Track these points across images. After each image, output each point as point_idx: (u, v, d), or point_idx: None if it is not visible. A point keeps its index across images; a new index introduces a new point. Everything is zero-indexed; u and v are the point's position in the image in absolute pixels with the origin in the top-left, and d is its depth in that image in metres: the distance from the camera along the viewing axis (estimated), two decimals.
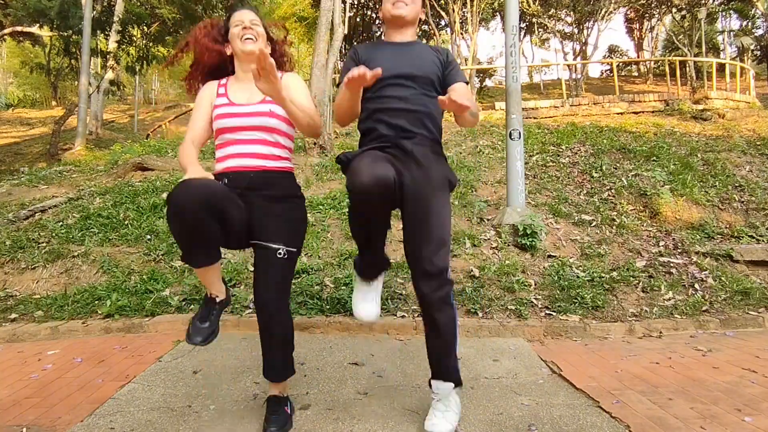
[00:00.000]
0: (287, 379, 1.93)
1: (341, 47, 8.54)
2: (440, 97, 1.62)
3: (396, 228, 3.55)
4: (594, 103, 10.61)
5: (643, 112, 9.97)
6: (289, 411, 1.90)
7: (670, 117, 9.10)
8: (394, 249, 3.79)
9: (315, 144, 6.49)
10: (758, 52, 23.37)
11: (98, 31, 14.40)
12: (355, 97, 1.79)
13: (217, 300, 1.84)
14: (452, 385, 1.85)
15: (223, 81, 1.91)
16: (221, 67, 1.94)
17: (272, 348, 1.86)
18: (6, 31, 14.72)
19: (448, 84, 1.89)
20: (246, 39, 1.82)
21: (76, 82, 14.02)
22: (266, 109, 1.81)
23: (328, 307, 3.24)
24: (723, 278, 3.77)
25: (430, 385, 1.89)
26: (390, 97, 1.84)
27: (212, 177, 1.68)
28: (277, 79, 1.59)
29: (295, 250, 1.84)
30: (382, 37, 2.07)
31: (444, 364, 1.85)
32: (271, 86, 1.60)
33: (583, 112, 10.28)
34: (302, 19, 20.86)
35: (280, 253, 1.78)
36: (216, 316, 1.84)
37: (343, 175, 1.82)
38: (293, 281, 3.53)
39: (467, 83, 1.95)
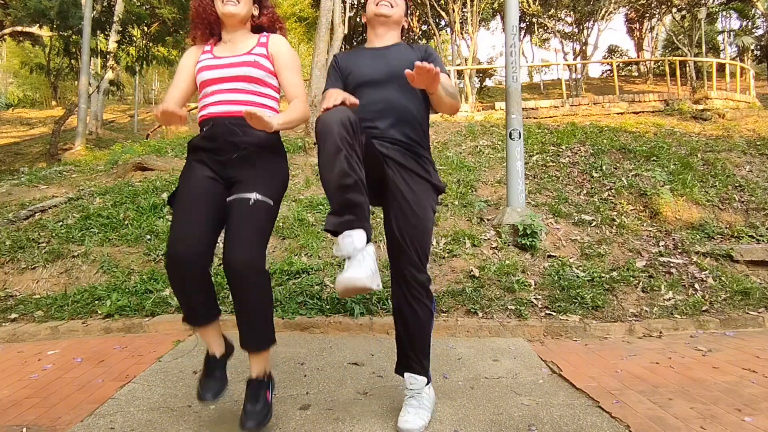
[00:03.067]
0: (268, 350, 1.78)
1: (341, 47, 8.55)
2: (407, 71, 1.56)
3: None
4: (594, 103, 10.61)
5: (643, 112, 9.97)
6: (270, 397, 1.78)
7: (670, 117, 9.11)
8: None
9: (315, 144, 6.49)
10: (758, 52, 23.37)
11: (98, 31, 14.40)
12: None
13: (218, 356, 1.84)
14: (425, 380, 1.86)
15: (210, 42, 1.93)
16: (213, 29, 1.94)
17: (248, 312, 1.72)
18: (6, 31, 14.72)
19: None
20: (227, 1, 1.81)
21: (76, 82, 14.02)
22: (251, 59, 1.81)
23: (328, 307, 3.24)
24: (723, 278, 3.77)
25: (401, 374, 1.91)
26: (369, 101, 1.83)
27: (178, 112, 1.64)
28: (268, 124, 1.60)
29: (270, 201, 1.75)
30: (364, 45, 2.05)
31: (416, 355, 1.86)
32: (264, 127, 1.63)
33: (583, 112, 10.28)
34: (302, 19, 20.86)
35: (251, 201, 1.70)
36: (221, 369, 1.84)
37: None
38: (293, 281, 3.55)
39: (447, 74, 1.88)
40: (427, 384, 1.88)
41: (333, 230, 1.53)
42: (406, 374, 1.88)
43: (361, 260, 1.47)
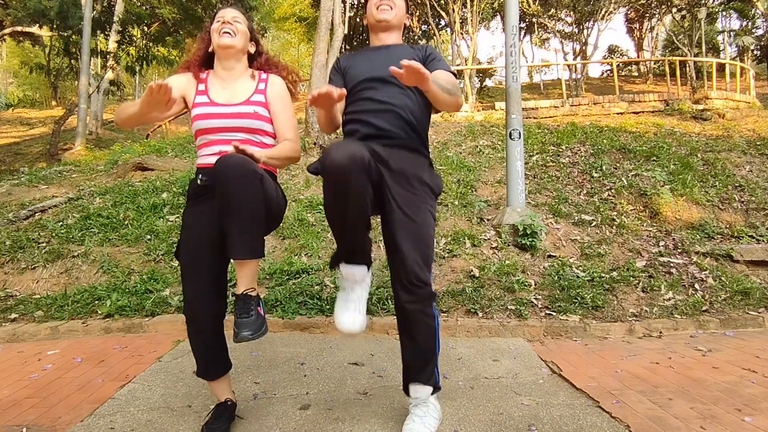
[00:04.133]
0: (257, 260, 1.66)
1: (341, 47, 8.55)
2: (393, 69, 1.49)
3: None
4: (594, 103, 10.61)
5: (643, 112, 9.97)
6: (262, 312, 1.66)
7: (670, 117, 9.11)
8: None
9: (315, 144, 6.49)
10: (758, 52, 23.37)
11: (98, 31, 14.40)
12: (330, 112, 1.80)
13: (229, 404, 1.88)
14: (431, 389, 1.80)
15: (203, 76, 1.87)
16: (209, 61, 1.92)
17: (236, 216, 1.55)
18: (6, 31, 14.71)
19: None
20: (224, 33, 1.79)
21: (76, 82, 14.02)
22: (250, 110, 1.79)
23: (328, 307, 3.24)
24: (723, 278, 3.77)
25: (406, 392, 1.83)
26: (368, 99, 1.83)
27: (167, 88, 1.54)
28: (256, 159, 1.59)
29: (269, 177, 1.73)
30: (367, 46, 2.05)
31: (422, 366, 1.80)
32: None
33: (583, 112, 10.28)
34: (302, 19, 20.88)
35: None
36: (228, 417, 1.85)
37: None
38: (293, 281, 3.55)
39: (453, 72, 1.87)
40: (433, 393, 1.83)
41: (341, 263, 1.72)
42: (410, 385, 1.81)
43: (356, 302, 1.70)
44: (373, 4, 1.92)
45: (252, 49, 1.92)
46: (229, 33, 1.80)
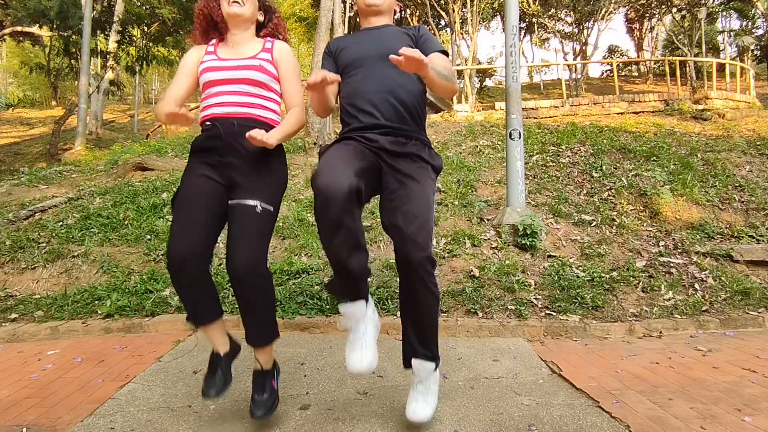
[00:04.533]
0: (272, 344, 1.85)
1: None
2: (392, 57, 1.52)
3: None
4: (594, 103, 10.61)
5: (643, 112, 9.97)
6: (275, 386, 1.84)
7: (670, 117, 9.11)
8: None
9: (315, 144, 6.49)
10: (758, 52, 23.37)
11: (98, 31, 14.39)
12: (322, 97, 1.83)
13: (222, 354, 1.85)
14: (434, 365, 1.81)
15: (213, 42, 1.93)
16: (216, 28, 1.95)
17: (253, 311, 1.77)
18: (6, 31, 14.72)
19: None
20: (233, 2, 1.82)
21: (76, 82, 14.01)
22: (257, 63, 1.83)
23: (328, 307, 3.24)
24: (723, 278, 3.77)
25: (408, 366, 1.83)
26: (359, 80, 1.84)
27: (188, 115, 1.69)
28: (267, 143, 1.67)
29: (271, 209, 1.79)
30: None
31: (427, 341, 1.80)
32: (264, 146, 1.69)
33: (583, 112, 10.28)
34: (302, 19, 20.88)
35: (257, 209, 1.74)
36: (225, 367, 1.84)
37: None
38: (293, 281, 3.55)
39: (445, 52, 1.87)
40: (435, 369, 1.83)
41: (337, 300, 1.76)
42: (413, 360, 1.81)
43: (362, 338, 1.71)
44: None
45: (261, 18, 1.95)
46: (238, 2, 1.83)
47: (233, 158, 1.79)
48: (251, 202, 1.74)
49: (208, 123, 1.83)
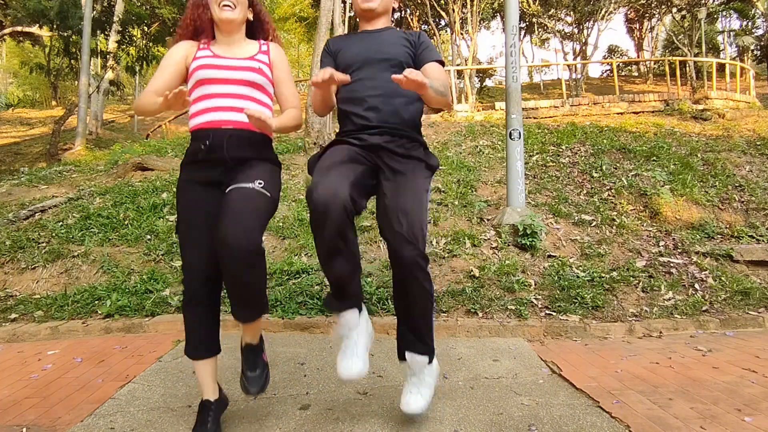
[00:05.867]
0: (261, 318, 1.80)
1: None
2: (394, 76, 1.55)
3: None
4: (594, 103, 10.61)
5: (643, 112, 9.97)
6: (266, 358, 1.84)
7: (670, 117, 9.10)
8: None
9: (315, 144, 6.49)
10: (758, 52, 23.37)
11: (98, 31, 14.40)
12: (326, 94, 1.82)
13: (212, 400, 1.80)
14: (427, 358, 1.80)
15: (203, 40, 1.87)
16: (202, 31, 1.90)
17: (246, 291, 1.68)
18: (6, 31, 14.72)
19: (421, 65, 1.86)
20: (224, 6, 1.78)
21: (76, 82, 14.02)
22: (256, 65, 1.80)
23: None
24: (723, 278, 3.77)
25: (403, 358, 1.82)
26: (358, 82, 1.84)
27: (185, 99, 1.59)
28: (268, 124, 1.64)
29: (269, 194, 1.72)
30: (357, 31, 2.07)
31: (420, 333, 1.79)
32: (264, 127, 1.65)
33: (583, 112, 10.28)
34: (302, 19, 20.89)
35: (253, 185, 1.68)
36: (214, 418, 1.77)
37: None
38: (293, 281, 3.55)
39: (441, 62, 1.89)
40: (429, 362, 1.82)
41: (331, 311, 1.82)
42: (406, 353, 1.80)
43: (353, 347, 1.74)
44: None
45: (250, 16, 1.92)
46: (230, 6, 1.79)
47: (226, 166, 1.76)
48: (248, 184, 1.69)
49: (201, 134, 1.76)
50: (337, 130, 1.97)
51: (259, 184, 1.70)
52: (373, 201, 1.89)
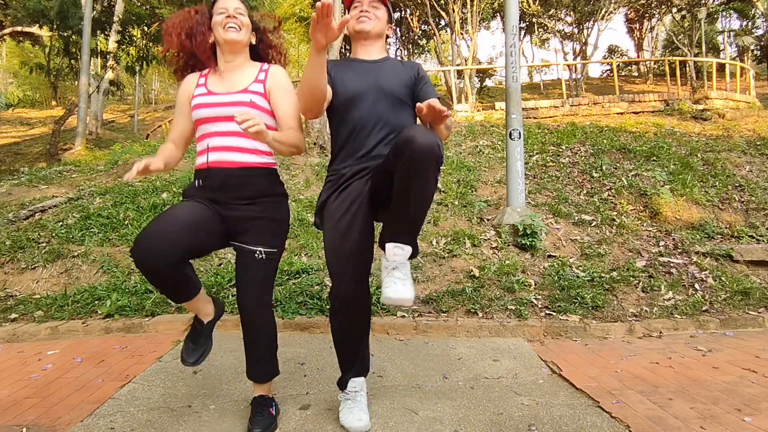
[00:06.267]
0: (272, 380, 1.93)
1: (341, 47, 8.55)
2: (419, 104, 1.54)
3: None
4: (594, 103, 10.61)
5: (643, 112, 9.97)
6: (273, 412, 1.88)
7: (670, 117, 9.11)
8: None
9: (315, 144, 6.50)
10: (758, 52, 23.37)
11: (98, 31, 14.39)
12: (317, 71, 1.65)
13: (205, 321, 1.86)
14: (410, 251, 1.67)
15: (204, 72, 1.85)
16: (202, 56, 1.85)
17: (255, 350, 1.85)
18: (6, 31, 14.71)
19: (421, 100, 1.79)
20: (229, 27, 1.75)
21: (76, 82, 14.02)
22: (246, 99, 1.75)
23: (328, 307, 3.24)
24: (723, 278, 3.77)
25: (383, 248, 1.68)
26: (357, 116, 1.82)
27: (161, 164, 1.65)
28: (261, 132, 1.53)
29: (275, 250, 1.81)
30: (354, 57, 2.00)
31: (407, 226, 1.65)
32: (259, 138, 1.58)
33: (583, 112, 10.28)
34: (302, 19, 20.88)
35: (257, 255, 1.76)
36: (206, 334, 1.87)
37: None
38: (293, 281, 3.55)
39: (440, 99, 1.84)
40: (411, 257, 1.69)
41: (343, 387, 1.92)
42: (389, 244, 1.66)
43: (360, 403, 1.88)
44: (353, 15, 1.91)
45: (254, 40, 1.89)
46: (235, 27, 1.76)
47: (228, 205, 1.76)
48: (253, 248, 1.76)
49: (200, 173, 1.77)
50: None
51: (264, 248, 1.78)
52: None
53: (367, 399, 1.93)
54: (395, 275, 1.65)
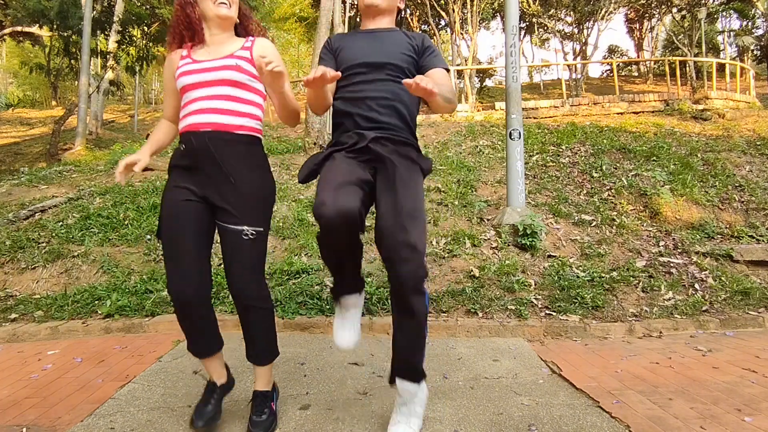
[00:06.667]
0: (272, 363, 1.90)
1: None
2: (405, 80, 1.53)
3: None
4: (594, 103, 10.61)
5: (643, 112, 9.97)
6: (274, 407, 1.87)
7: (670, 117, 9.11)
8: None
9: (315, 144, 6.49)
10: (758, 52, 23.37)
11: (98, 31, 14.38)
12: (321, 93, 1.74)
13: (218, 384, 1.87)
14: (418, 385, 1.74)
15: (186, 46, 1.86)
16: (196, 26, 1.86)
17: (253, 333, 1.84)
18: (6, 31, 14.72)
19: (426, 70, 1.82)
20: (220, 3, 1.77)
21: (76, 82, 14.01)
22: (233, 63, 1.75)
23: (328, 307, 3.24)
24: (723, 278, 3.77)
25: (392, 383, 1.77)
26: (358, 84, 1.81)
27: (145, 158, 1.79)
28: (284, 78, 1.62)
29: (262, 230, 1.78)
30: (359, 29, 2.01)
31: (412, 362, 1.72)
32: (278, 83, 1.64)
33: (583, 112, 10.28)
34: (302, 19, 20.89)
35: (245, 235, 1.72)
36: (217, 399, 1.85)
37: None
38: (293, 281, 3.55)
39: (447, 69, 1.87)
40: (419, 385, 1.75)
41: (337, 297, 1.90)
42: (397, 380, 1.75)
43: (351, 320, 1.88)
44: None
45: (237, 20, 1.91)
46: (225, 3, 1.78)
47: (210, 175, 1.74)
48: (238, 227, 1.72)
49: (184, 137, 1.77)
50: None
51: (249, 227, 1.74)
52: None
53: (360, 313, 1.93)
54: (402, 411, 1.78)
